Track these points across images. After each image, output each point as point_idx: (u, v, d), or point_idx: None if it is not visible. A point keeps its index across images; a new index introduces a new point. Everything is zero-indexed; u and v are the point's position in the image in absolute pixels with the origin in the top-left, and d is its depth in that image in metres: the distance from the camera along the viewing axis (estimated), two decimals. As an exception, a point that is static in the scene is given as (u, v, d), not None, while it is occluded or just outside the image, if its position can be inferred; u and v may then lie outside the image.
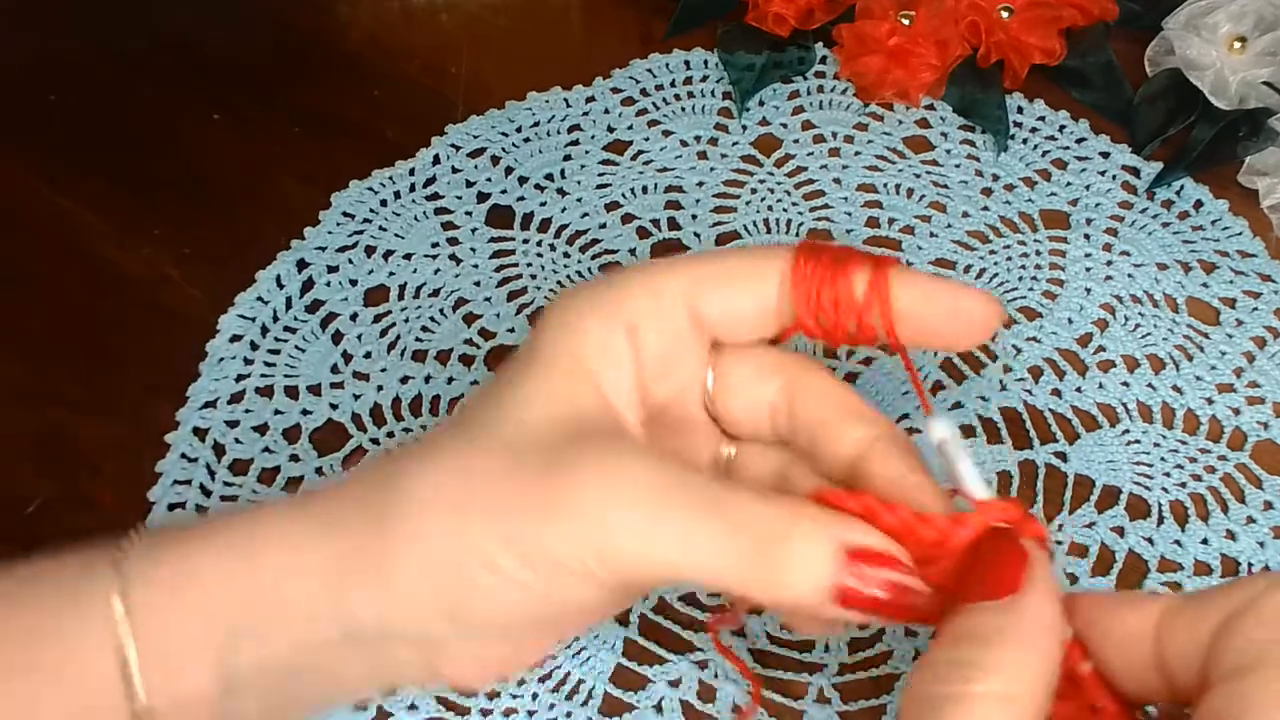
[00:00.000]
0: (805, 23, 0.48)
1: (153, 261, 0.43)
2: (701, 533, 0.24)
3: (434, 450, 0.26)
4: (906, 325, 0.27)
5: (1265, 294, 0.41)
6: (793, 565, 0.24)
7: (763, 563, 0.24)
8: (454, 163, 0.45)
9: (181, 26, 0.50)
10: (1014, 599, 0.23)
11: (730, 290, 0.28)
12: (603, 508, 0.24)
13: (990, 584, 0.23)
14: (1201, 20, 0.45)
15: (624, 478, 0.25)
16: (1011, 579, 0.23)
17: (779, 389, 0.29)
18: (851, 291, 0.27)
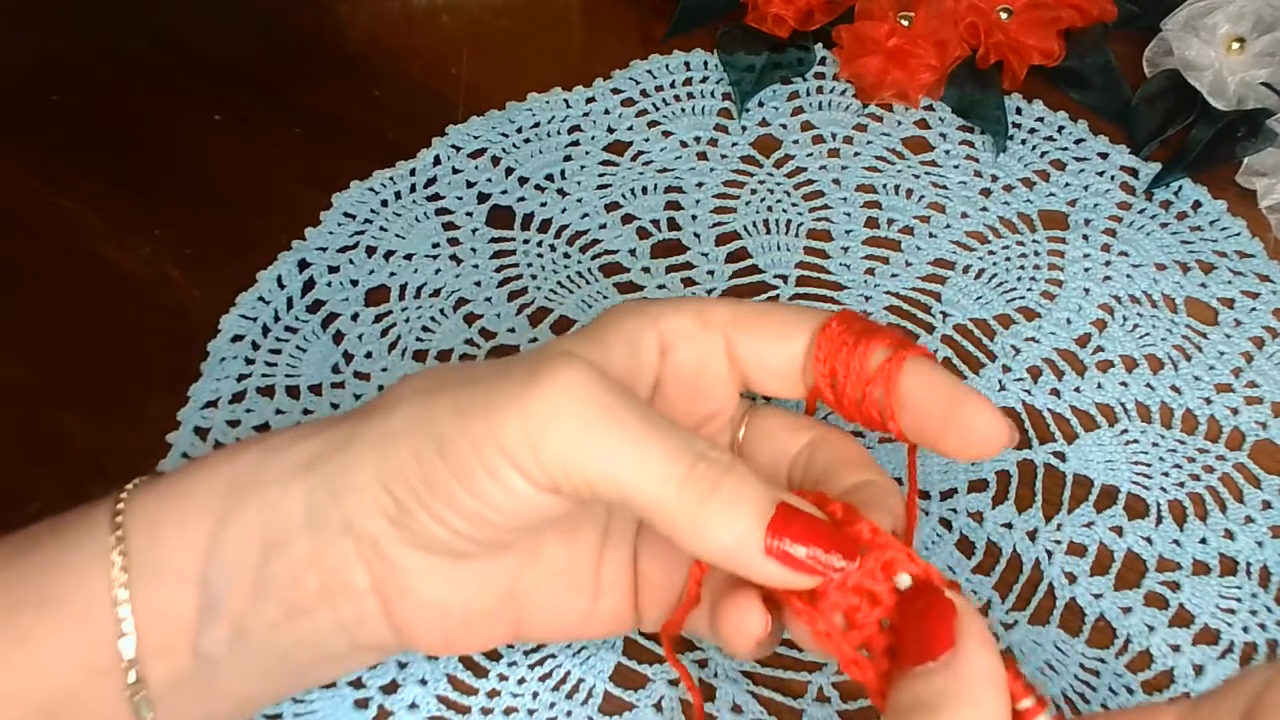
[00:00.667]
0: (805, 24, 0.48)
1: (154, 262, 0.43)
2: (640, 451, 0.25)
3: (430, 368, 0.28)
4: (908, 413, 0.27)
5: (1263, 294, 0.41)
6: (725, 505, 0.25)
7: (694, 495, 0.25)
8: (455, 163, 0.45)
9: (182, 27, 0.50)
10: (949, 656, 0.23)
11: (765, 335, 0.29)
12: (552, 404, 0.25)
13: (924, 645, 0.23)
14: (1200, 21, 0.45)
15: (579, 384, 0.25)
16: (944, 636, 0.23)
17: (806, 443, 0.30)
18: (866, 364, 0.27)
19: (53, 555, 0.26)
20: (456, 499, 0.26)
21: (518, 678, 0.33)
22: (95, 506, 0.27)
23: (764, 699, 0.33)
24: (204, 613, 0.26)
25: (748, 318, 0.29)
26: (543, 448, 0.25)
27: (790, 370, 0.29)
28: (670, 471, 0.25)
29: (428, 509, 0.26)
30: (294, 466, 0.27)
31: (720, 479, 0.25)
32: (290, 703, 0.33)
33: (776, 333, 0.29)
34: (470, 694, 0.33)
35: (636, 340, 0.29)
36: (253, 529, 0.27)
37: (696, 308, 0.29)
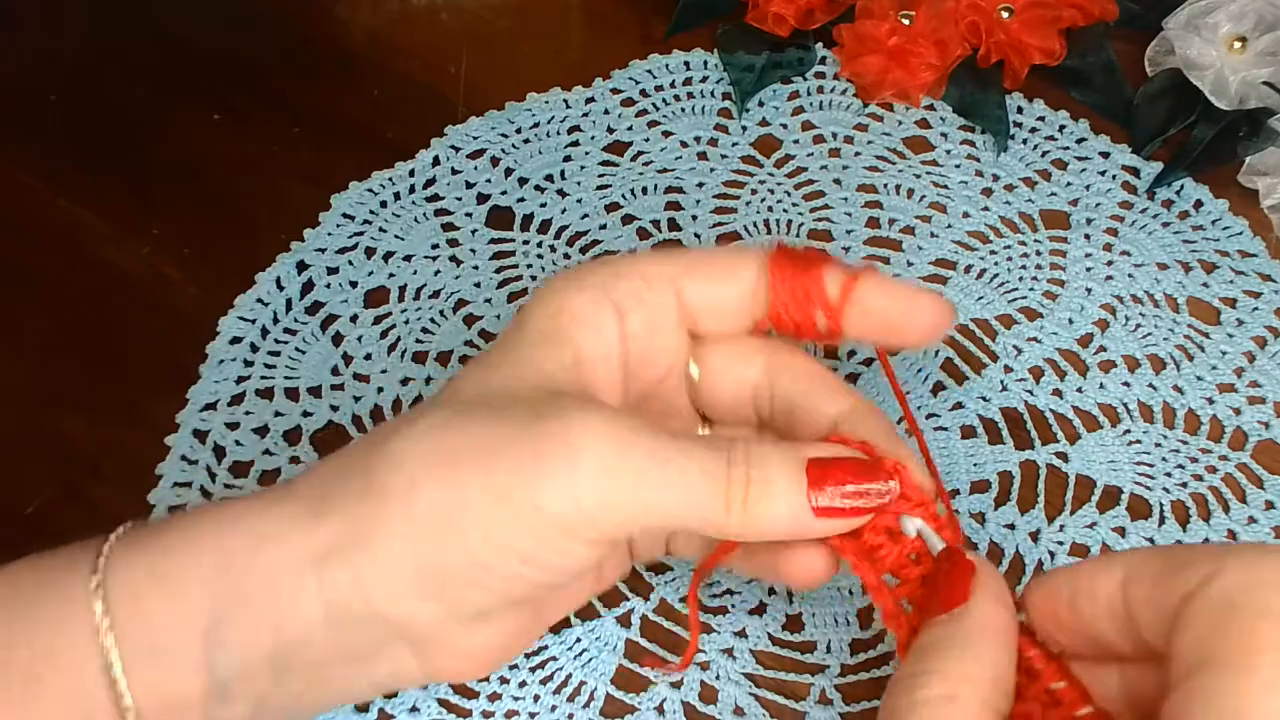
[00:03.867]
0: (805, 23, 0.48)
1: (152, 262, 0.43)
2: (683, 484, 0.26)
3: (418, 418, 0.27)
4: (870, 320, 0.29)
5: (1266, 294, 0.41)
6: (764, 497, 0.26)
7: (738, 503, 0.26)
8: (454, 164, 0.45)
9: (181, 26, 0.50)
10: (963, 608, 0.25)
11: (714, 280, 0.30)
12: (596, 460, 0.25)
13: (943, 599, 0.25)
14: (1202, 20, 0.45)
15: (614, 438, 0.25)
16: (961, 591, 0.25)
17: (761, 369, 0.31)
18: (822, 286, 0.29)
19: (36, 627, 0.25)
20: (511, 571, 0.26)
21: (519, 681, 0.33)
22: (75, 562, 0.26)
23: (766, 701, 0.33)
24: (215, 694, 0.26)
25: (695, 265, 0.30)
26: (598, 513, 0.25)
27: (740, 306, 0.30)
28: (713, 492, 0.26)
29: (479, 585, 0.26)
30: (300, 561, 0.25)
31: (749, 474, 0.26)
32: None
33: (724, 274, 0.30)
34: (471, 698, 0.33)
35: (595, 320, 0.29)
36: (262, 625, 0.25)
37: (639, 268, 0.29)
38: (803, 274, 0.29)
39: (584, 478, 0.25)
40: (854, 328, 0.29)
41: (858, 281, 0.29)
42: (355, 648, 0.26)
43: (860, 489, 0.26)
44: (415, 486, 0.25)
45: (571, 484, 0.25)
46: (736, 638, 0.34)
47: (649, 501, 0.25)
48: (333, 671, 0.27)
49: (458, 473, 0.25)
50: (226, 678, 0.26)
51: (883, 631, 0.34)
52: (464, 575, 0.25)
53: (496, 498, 0.25)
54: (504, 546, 0.25)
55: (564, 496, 0.25)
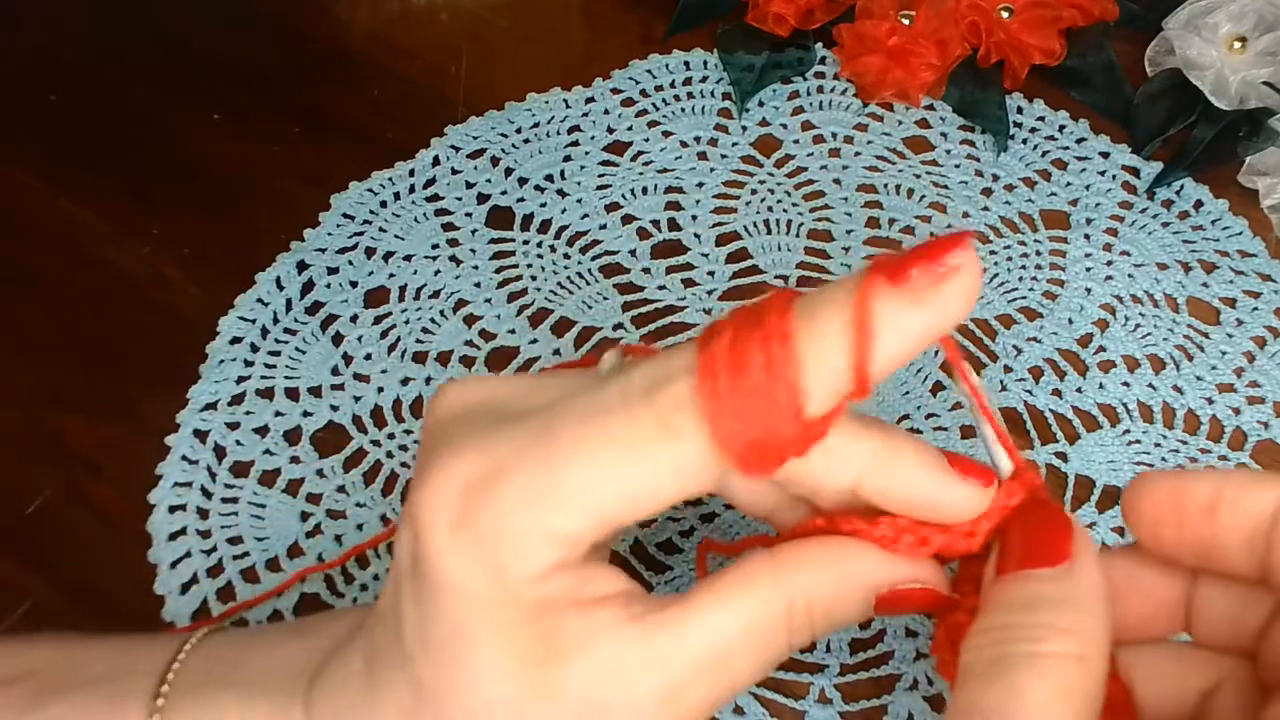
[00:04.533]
0: (805, 23, 0.48)
1: (152, 262, 0.43)
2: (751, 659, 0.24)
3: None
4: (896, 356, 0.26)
5: (1265, 294, 0.41)
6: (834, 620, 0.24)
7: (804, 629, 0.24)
8: (454, 164, 0.45)
9: (181, 27, 0.50)
10: (1069, 566, 0.23)
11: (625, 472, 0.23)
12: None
13: (1039, 552, 0.23)
14: (1202, 20, 0.45)
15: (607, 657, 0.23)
16: (1061, 547, 0.23)
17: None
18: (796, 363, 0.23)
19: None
20: None
21: None
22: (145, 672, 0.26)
23: (766, 700, 0.33)
24: None
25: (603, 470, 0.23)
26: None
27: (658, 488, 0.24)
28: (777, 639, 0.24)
29: None
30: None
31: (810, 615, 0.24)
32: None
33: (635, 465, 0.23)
34: None
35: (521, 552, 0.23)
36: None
37: (562, 496, 0.23)
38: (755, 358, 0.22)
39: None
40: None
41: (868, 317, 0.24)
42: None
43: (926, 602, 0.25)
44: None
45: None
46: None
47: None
48: None
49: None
50: None
51: (882, 631, 0.34)
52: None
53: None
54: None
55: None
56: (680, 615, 0.23)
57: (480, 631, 0.23)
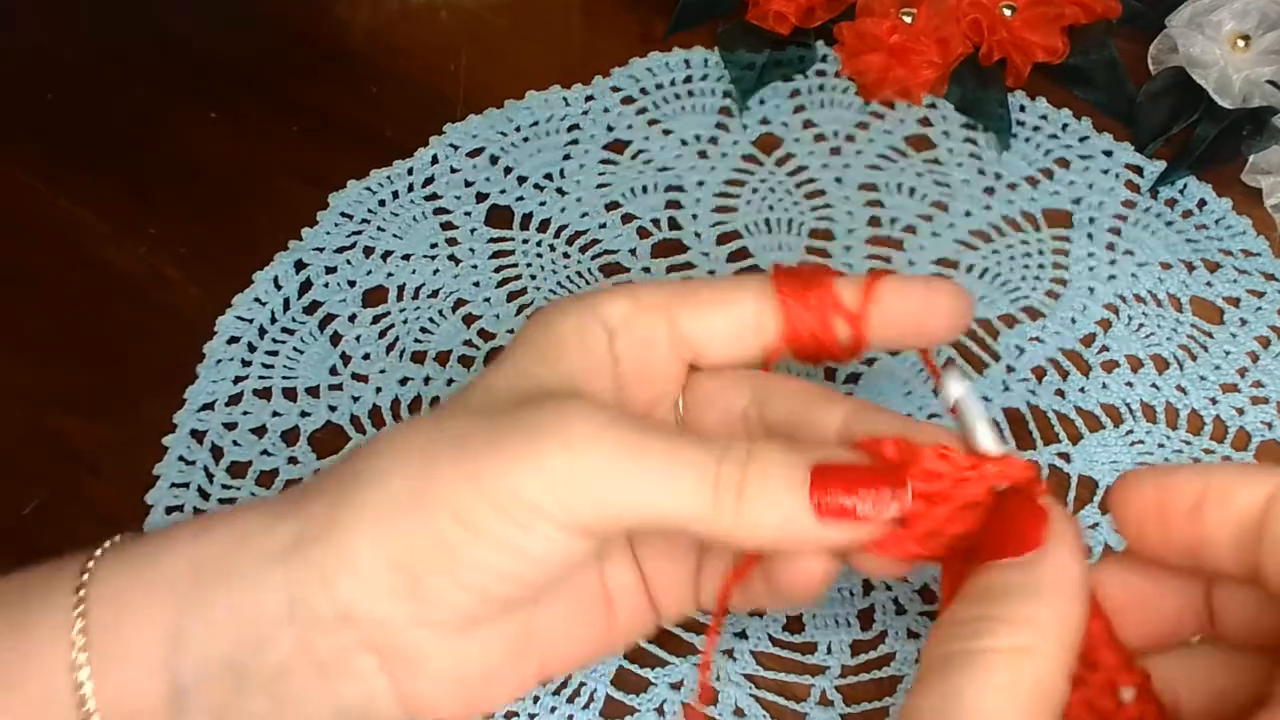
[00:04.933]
0: (806, 21, 0.48)
1: (151, 262, 0.43)
2: (666, 474, 0.24)
3: (400, 424, 0.27)
4: (893, 323, 0.28)
5: (1269, 293, 0.41)
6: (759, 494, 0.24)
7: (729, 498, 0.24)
8: (453, 163, 0.45)
9: (181, 27, 0.50)
10: (1036, 555, 0.23)
11: (705, 307, 0.29)
12: (570, 449, 0.24)
13: (1010, 541, 0.23)
14: (1205, 18, 0.45)
15: (589, 422, 0.25)
16: (1032, 535, 0.23)
17: (749, 398, 0.29)
18: (836, 298, 0.28)
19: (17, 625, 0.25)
20: (487, 560, 0.25)
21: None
22: (63, 569, 0.26)
23: (767, 702, 0.33)
24: (176, 704, 0.25)
25: (684, 293, 0.29)
26: (574, 497, 0.24)
27: (738, 335, 0.29)
28: (700, 485, 0.24)
29: (451, 576, 0.25)
30: (268, 554, 0.25)
31: (745, 472, 0.25)
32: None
33: (719, 301, 0.29)
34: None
35: (584, 337, 0.28)
36: (223, 625, 0.25)
37: (630, 293, 0.29)
38: (813, 289, 0.28)
39: (551, 455, 0.24)
40: (878, 333, 0.28)
41: (875, 284, 0.28)
42: (320, 654, 0.25)
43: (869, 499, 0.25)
44: (385, 475, 0.25)
45: (538, 461, 0.24)
46: (737, 638, 0.34)
47: (626, 488, 0.24)
48: (295, 685, 0.25)
49: (428, 460, 0.25)
50: (185, 684, 0.25)
51: (883, 633, 0.34)
52: (435, 565, 0.24)
53: (465, 476, 0.24)
54: (474, 527, 0.24)
55: (531, 473, 0.24)
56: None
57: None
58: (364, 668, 0.25)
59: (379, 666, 0.25)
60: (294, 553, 0.25)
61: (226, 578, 0.25)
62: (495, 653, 0.27)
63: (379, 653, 0.25)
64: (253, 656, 0.25)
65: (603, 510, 0.24)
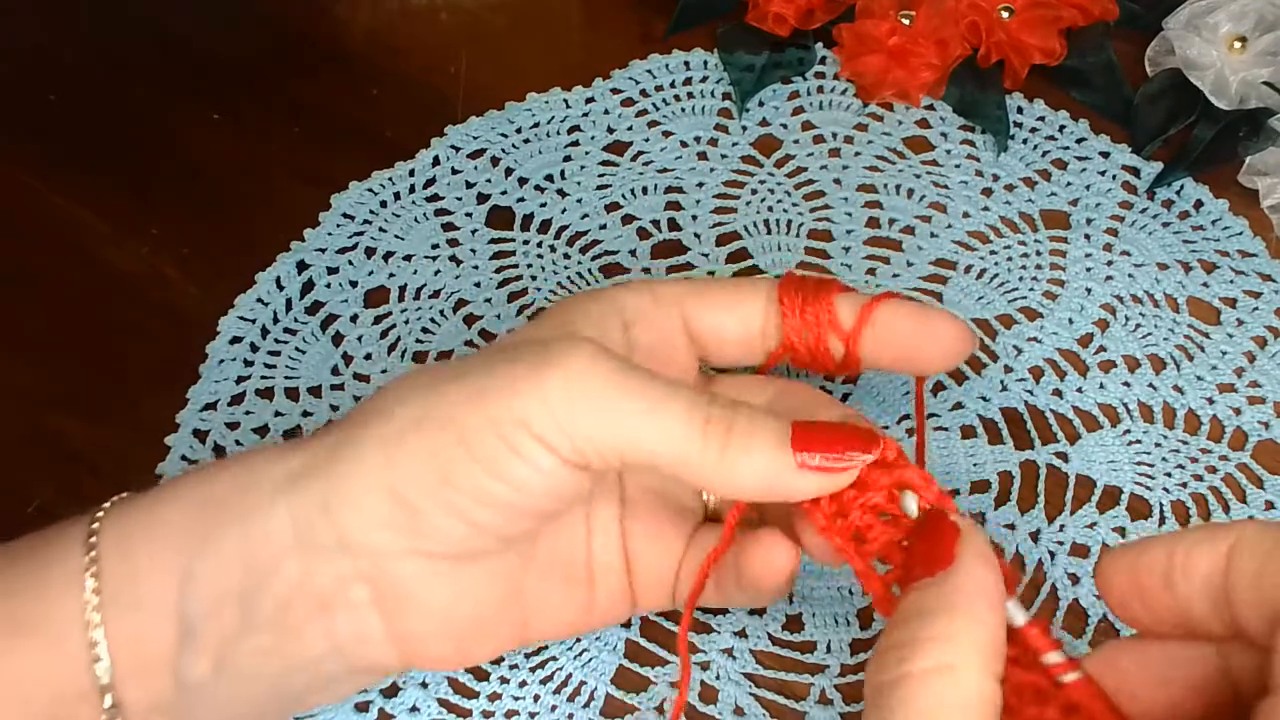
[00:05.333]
0: (805, 22, 0.48)
1: (152, 262, 0.43)
2: (661, 414, 0.25)
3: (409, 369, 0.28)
4: (887, 346, 0.30)
5: (1266, 293, 0.41)
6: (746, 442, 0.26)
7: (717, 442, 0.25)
8: (454, 164, 0.45)
9: (181, 27, 0.50)
10: (946, 572, 0.23)
11: (718, 306, 0.30)
12: (569, 376, 0.25)
13: (926, 562, 0.24)
14: (1202, 20, 0.45)
15: (589, 355, 0.26)
16: (945, 553, 0.24)
17: (767, 400, 0.31)
18: (835, 313, 0.29)
19: (28, 577, 0.26)
20: (481, 485, 0.25)
21: (519, 680, 0.33)
22: (72, 525, 0.26)
23: (766, 701, 0.33)
24: (182, 641, 0.25)
25: (700, 291, 0.30)
26: (571, 423, 0.25)
27: (746, 336, 0.30)
28: (691, 428, 0.25)
29: (447, 504, 0.25)
30: (274, 485, 0.26)
31: (734, 420, 0.26)
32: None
33: (730, 301, 0.30)
34: (471, 697, 0.33)
35: (601, 323, 0.29)
36: (232, 557, 0.25)
37: (649, 286, 0.30)
38: (813, 302, 0.29)
39: (557, 385, 0.25)
40: (871, 354, 0.30)
41: (873, 307, 0.29)
42: (319, 585, 0.26)
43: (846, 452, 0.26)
44: (392, 407, 0.26)
45: (543, 389, 0.25)
46: (736, 638, 0.34)
47: (623, 420, 0.25)
48: (295, 619, 0.26)
49: (431, 389, 0.26)
50: (194, 618, 0.25)
51: (882, 632, 0.34)
52: (431, 489, 0.25)
53: (466, 398, 0.25)
54: (472, 447, 0.25)
55: (537, 402, 0.25)
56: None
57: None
58: (357, 598, 0.26)
59: (371, 599, 0.26)
60: (298, 482, 0.25)
61: (235, 510, 0.26)
62: (485, 600, 0.28)
63: (373, 584, 0.26)
64: (259, 588, 0.25)
65: (595, 438, 0.25)
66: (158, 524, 0.26)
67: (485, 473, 0.25)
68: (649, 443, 0.25)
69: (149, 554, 0.26)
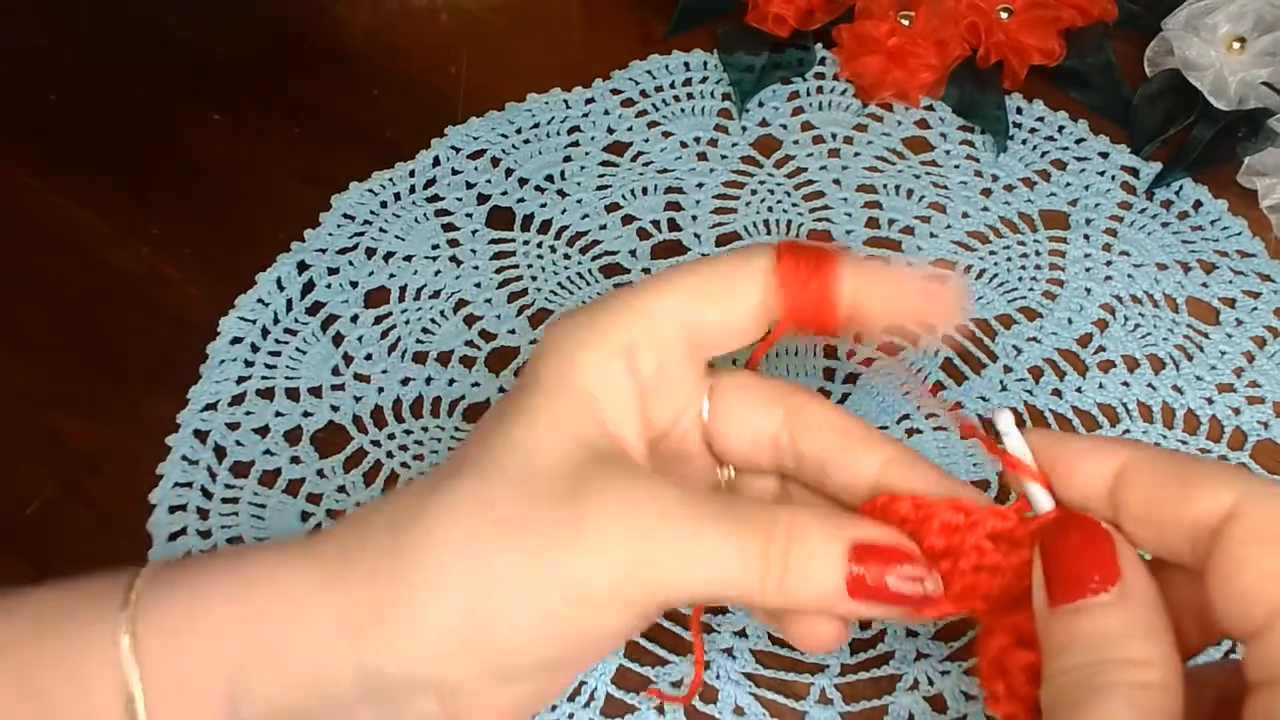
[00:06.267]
0: (805, 23, 0.48)
1: (152, 262, 0.43)
2: (719, 558, 0.25)
3: (446, 487, 0.26)
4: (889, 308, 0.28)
5: (1265, 294, 0.41)
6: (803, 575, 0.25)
7: (776, 578, 0.25)
8: (454, 164, 0.45)
9: (181, 27, 0.50)
10: (1122, 587, 0.23)
11: (720, 305, 0.28)
12: (630, 533, 0.25)
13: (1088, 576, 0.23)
14: (1201, 21, 0.45)
15: (643, 502, 0.25)
16: (1108, 566, 0.23)
17: (780, 421, 0.29)
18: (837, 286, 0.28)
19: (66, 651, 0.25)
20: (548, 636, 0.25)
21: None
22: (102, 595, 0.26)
23: (766, 701, 0.33)
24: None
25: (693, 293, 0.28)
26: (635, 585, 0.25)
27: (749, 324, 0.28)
28: (749, 568, 0.25)
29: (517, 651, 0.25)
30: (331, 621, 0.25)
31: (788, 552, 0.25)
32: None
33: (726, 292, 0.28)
34: None
35: (606, 374, 0.27)
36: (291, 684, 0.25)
37: (640, 312, 0.28)
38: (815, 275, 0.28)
39: (614, 549, 0.25)
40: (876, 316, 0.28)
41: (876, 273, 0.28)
42: (385, 700, 0.26)
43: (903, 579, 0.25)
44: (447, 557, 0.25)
45: (605, 558, 0.25)
46: (736, 637, 0.34)
47: (682, 578, 0.25)
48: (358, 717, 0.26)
49: (491, 546, 0.25)
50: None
51: (883, 632, 0.34)
52: (500, 641, 0.25)
53: (530, 569, 0.25)
54: (540, 614, 0.25)
55: (597, 570, 0.25)
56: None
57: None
58: (423, 706, 0.26)
59: (437, 705, 0.26)
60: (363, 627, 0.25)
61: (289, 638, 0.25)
62: (538, 691, 0.28)
63: (439, 696, 0.26)
64: (320, 710, 0.25)
65: (662, 595, 0.25)
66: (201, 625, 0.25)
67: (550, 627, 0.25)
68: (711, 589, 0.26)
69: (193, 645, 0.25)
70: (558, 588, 0.25)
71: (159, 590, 0.26)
